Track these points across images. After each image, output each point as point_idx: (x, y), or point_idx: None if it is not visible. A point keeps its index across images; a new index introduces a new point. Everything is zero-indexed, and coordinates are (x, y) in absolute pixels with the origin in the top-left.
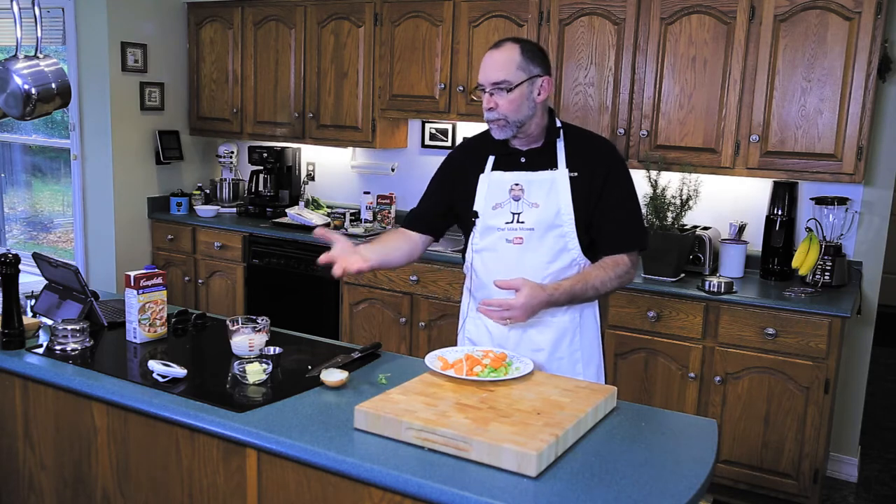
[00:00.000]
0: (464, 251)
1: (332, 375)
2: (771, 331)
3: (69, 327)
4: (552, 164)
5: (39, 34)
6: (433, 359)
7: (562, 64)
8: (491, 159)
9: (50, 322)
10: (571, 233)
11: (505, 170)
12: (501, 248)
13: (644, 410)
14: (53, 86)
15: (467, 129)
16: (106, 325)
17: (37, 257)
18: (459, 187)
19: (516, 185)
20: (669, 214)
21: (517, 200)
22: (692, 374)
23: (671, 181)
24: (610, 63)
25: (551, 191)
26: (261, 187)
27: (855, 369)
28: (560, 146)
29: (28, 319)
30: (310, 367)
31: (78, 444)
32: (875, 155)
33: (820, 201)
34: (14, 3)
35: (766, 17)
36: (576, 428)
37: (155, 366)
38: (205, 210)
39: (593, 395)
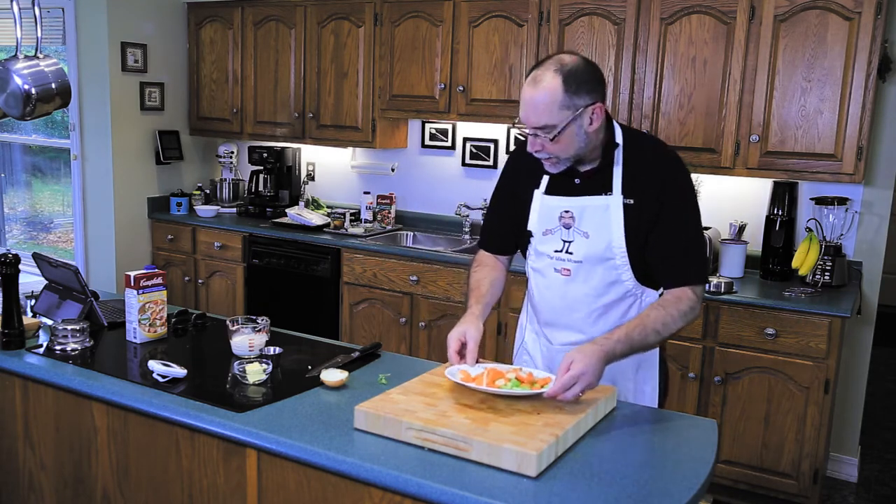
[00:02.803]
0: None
1: (332, 375)
2: (771, 331)
3: (69, 327)
4: (607, 188)
5: (39, 34)
6: (455, 371)
7: None
8: (546, 178)
9: (50, 322)
10: (624, 265)
11: (558, 193)
12: (550, 275)
13: (644, 410)
14: (53, 86)
15: (467, 129)
16: (106, 325)
17: (37, 257)
18: (518, 199)
19: (566, 212)
20: None
21: (568, 228)
22: (692, 374)
23: None
24: (610, 63)
25: (603, 219)
26: (261, 187)
27: (855, 369)
28: (617, 168)
29: (28, 319)
30: (310, 367)
31: (78, 444)
32: (875, 155)
33: (820, 201)
34: (14, 3)
35: (766, 17)
36: (576, 428)
37: (155, 366)
38: (205, 210)
39: (593, 394)
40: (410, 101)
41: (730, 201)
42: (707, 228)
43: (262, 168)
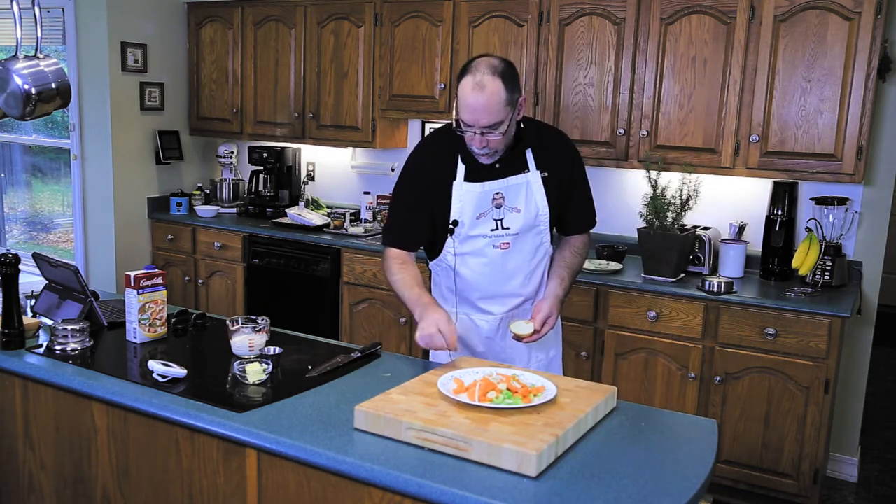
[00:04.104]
0: (431, 254)
1: (521, 328)
2: (771, 331)
3: (69, 327)
4: (523, 167)
5: (39, 34)
6: (448, 380)
7: (562, 64)
8: (462, 167)
9: (50, 322)
10: (546, 229)
11: (482, 179)
12: (489, 252)
13: (644, 410)
14: (53, 86)
15: None
16: (106, 325)
17: (37, 257)
18: (436, 196)
19: (497, 193)
20: (669, 214)
21: (499, 208)
22: (692, 374)
23: (671, 181)
24: (610, 63)
25: (528, 194)
26: (261, 187)
27: (855, 369)
28: (528, 149)
29: (28, 319)
30: (310, 367)
31: (78, 444)
32: (875, 155)
33: (820, 201)
34: (14, 3)
35: (766, 17)
36: (576, 428)
37: (155, 366)
38: (205, 210)
39: (593, 395)
40: (410, 101)
41: (730, 201)
42: (707, 228)
43: (262, 168)
